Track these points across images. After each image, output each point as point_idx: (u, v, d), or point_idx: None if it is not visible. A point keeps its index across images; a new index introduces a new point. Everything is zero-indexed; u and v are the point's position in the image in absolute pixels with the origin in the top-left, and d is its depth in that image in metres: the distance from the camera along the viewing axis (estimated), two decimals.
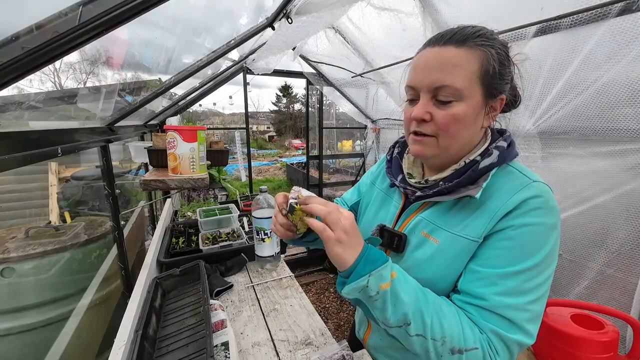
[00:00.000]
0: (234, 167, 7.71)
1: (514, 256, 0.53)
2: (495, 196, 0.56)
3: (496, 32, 0.58)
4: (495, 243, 0.55)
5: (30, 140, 0.69)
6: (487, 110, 0.58)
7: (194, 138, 1.30)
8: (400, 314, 0.53)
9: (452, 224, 0.60)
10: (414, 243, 0.64)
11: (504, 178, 0.58)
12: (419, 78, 0.57)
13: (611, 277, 1.28)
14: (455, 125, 0.55)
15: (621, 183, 1.21)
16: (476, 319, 0.54)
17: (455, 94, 0.54)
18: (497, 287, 0.53)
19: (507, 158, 0.59)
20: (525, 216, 0.53)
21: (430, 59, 0.56)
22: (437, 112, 0.56)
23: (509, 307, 0.52)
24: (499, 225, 0.54)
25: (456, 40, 0.54)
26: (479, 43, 0.54)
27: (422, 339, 0.52)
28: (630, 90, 1.10)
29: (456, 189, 0.59)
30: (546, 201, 0.53)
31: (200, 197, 3.02)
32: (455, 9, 1.40)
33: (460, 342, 0.51)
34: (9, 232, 1.53)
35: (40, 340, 1.30)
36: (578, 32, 1.16)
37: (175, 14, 1.12)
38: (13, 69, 0.46)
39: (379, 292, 0.52)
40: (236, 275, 1.25)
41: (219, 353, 0.75)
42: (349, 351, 0.79)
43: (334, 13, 1.28)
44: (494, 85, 0.56)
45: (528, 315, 0.52)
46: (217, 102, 15.56)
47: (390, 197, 0.76)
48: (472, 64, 0.53)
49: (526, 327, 0.52)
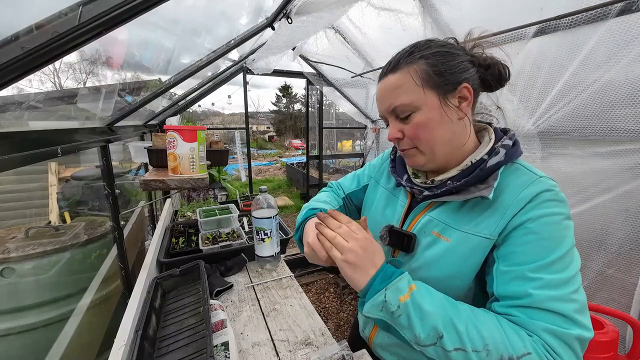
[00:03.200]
0: (234, 167, 7.72)
1: (541, 248, 0.52)
2: (505, 193, 0.57)
3: (435, 39, 0.64)
4: (518, 239, 0.54)
5: (30, 140, 0.69)
6: (454, 104, 0.60)
7: (194, 138, 1.30)
8: (430, 327, 0.50)
9: (462, 223, 0.60)
10: (424, 243, 0.65)
11: (512, 175, 0.59)
12: (380, 108, 0.67)
13: (611, 277, 1.28)
14: (423, 131, 0.61)
15: (621, 183, 1.21)
16: (523, 320, 0.50)
17: (408, 107, 0.60)
18: (535, 282, 0.50)
19: (514, 156, 0.60)
20: (541, 208, 0.53)
21: (381, 90, 0.65)
22: (405, 127, 0.63)
23: (555, 299, 0.49)
24: (515, 221, 0.54)
25: (392, 69, 0.63)
26: (409, 61, 0.61)
27: (463, 352, 0.48)
28: (630, 90, 1.10)
29: (465, 188, 0.60)
30: (557, 194, 0.55)
31: (200, 197, 3.02)
32: (455, 9, 1.40)
33: (507, 349, 0.46)
34: (9, 232, 1.53)
35: (40, 340, 1.30)
36: (578, 33, 1.16)
37: (175, 14, 1.12)
38: (13, 69, 0.46)
39: (399, 307, 0.51)
40: (236, 275, 1.25)
41: (219, 353, 0.75)
42: (349, 351, 0.79)
43: (333, 13, 1.28)
44: (443, 83, 0.59)
45: (576, 305, 0.49)
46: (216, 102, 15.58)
47: (396, 196, 0.76)
48: (408, 80, 0.60)
49: (580, 320, 0.48)
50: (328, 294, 3.01)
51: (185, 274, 1.09)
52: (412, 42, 0.65)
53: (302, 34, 1.50)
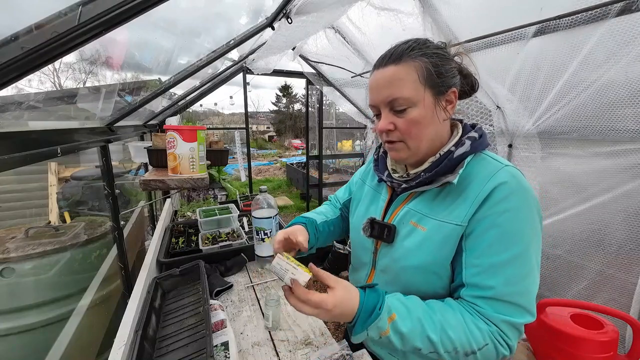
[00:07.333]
0: (234, 167, 7.71)
1: (505, 242, 0.58)
2: (474, 183, 0.61)
3: (430, 40, 0.66)
4: (484, 233, 0.59)
5: (29, 140, 0.69)
6: (443, 105, 0.64)
7: (194, 138, 1.30)
8: (410, 346, 0.58)
9: (437, 212, 0.65)
10: (403, 233, 0.69)
11: (479, 165, 0.63)
12: (375, 97, 0.66)
13: (611, 277, 1.28)
14: (415, 127, 0.63)
15: (621, 183, 1.21)
16: (487, 312, 0.58)
17: (407, 102, 0.61)
18: (501, 277, 0.57)
19: (480, 147, 0.65)
20: (504, 202, 0.58)
21: (379, 79, 0.65)
22: (398, 120, 0.63)
23: (515, 293, 0.57)
24: (482, 212, 0.59)
25: (394, 59, 0.63)
26: (412, 56, 0.62)
27: (436, 354, 0.58)
28: (630, 90, 1.10)
29: (436, 177, 0.65)
30: (519, 182, 0.59)
31: (200, 197, 3.02)
32: (455, 9, 1.39)
33: (471, 345, 0.56)
34: (9, 232, 1.53)
35: (40, 340, 1.30)
36: (577, 32, 1.16)
37: (174, 14, 1.12)
38: (12, 69, 0.46)
39: (381, 337, 0.58)
40: (236, 275, 1.25)
41: (219, 353, 0.75)
42: (349, 351, 0.79)
43: (333, 13, 1.28)
44: (440, 84, 0.62)
45: (530, 297, 0.58)
46: (218, 102, 15.61)
47: (379, 192, 0.80)
48: (411, 74, 0.61)
49: (530, 309, 0.58)
50: None
51: (185, 274, 1.09)
52: None
53: (302, 34, 1.49)
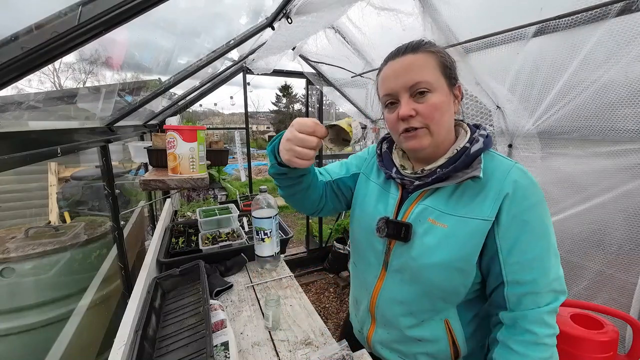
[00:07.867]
0: (234, 167, 7.71)
1: (535, 237, 0.61)
2: (492, 179, 0.63)
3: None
4: (516, 231, 0.61)
5: (29, 140, 0.69)
6: (454, 97, 0.67)
7: (194, 138, 1.30)
8: None
9: (456, 209, 0.65)
10: (421, 230, 0.68)
11: (492, 162, 0.65)
12: (394, 84, 0.66)
13: (611, 277, 1.28)
14: (437, 112, 0.63)
15: (620, 183, 1.21)
16: (533, 311, 0.61)
17: (428, 86, 0.63)
18: (538, 270, 0.61)
19: (489, 145, 0.67)
20: (527, 199, 0.61)
21: (398, 68, 0.66)
22: (419, 106, 0.63)
23: (553, 280, 0.61)
24: (509, 210, 0.61)
25: (412, 49, 0.65)
26: (428, 48, 0.65)
27: None
28: (630, 90, 1.10)
29: (453, 174, 0.65)
30: (531, 178, 0.63)
31: (200, 197, 3.02)
32: (455, 9, 1.39)
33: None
34: (9, 232, 1.52)
35: (40, 340, 1.30)
36: (577, 32, 1.16)
37: (174, 14, 1.12)
38: (12, 69, 0.46)
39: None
40: (236, 275, 1.25)
41: (219, 353, 0.75)
42: (349, 351, 0.79)
43: (333, 13, 1.28)
44: (452, 75, 0.66)
45: (562, 279, 0.63)
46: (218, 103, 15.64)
47: (387, 190, 0.78)
48: (430, 61, 0.64)
49: (565, 289, 0.63)
50: (328, 293, 3.01)
51: (185, 274, 1.09)
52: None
53: (301, 34, 1.49)
